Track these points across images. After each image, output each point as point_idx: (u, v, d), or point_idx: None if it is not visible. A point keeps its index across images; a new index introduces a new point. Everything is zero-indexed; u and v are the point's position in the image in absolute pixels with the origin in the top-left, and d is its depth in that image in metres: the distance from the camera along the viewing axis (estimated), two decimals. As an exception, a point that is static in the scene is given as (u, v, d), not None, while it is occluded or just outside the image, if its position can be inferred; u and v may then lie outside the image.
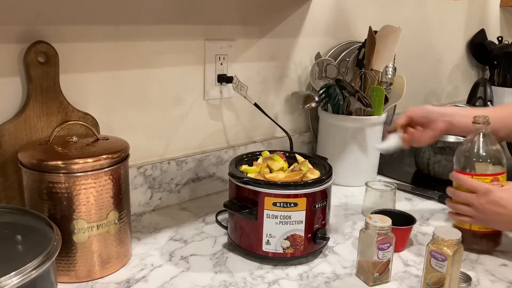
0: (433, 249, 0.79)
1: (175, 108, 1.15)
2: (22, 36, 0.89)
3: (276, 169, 0.98)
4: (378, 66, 1.30)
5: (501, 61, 2.04)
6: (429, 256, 0.80)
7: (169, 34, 1.09)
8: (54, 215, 0.79)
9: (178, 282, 0.85)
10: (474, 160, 0.95)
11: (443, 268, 0.78)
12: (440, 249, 0.79)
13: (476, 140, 0.96)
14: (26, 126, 0.90)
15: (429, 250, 0.80)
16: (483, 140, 0.96)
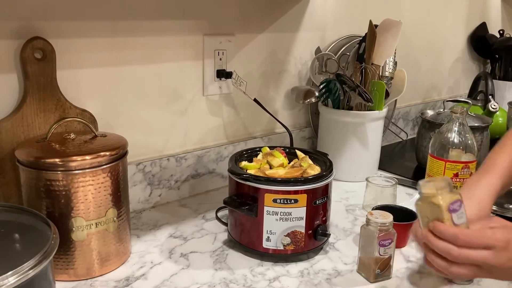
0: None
1: (174, 104, 1.14)
2: (19, 32, 0.88)
3: (276, 165, 0.97)
4: (379, 61, 1.29)
5: (502, 54, 2.03)
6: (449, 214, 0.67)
7: (167, 29, 1.08)
8: (52, 213, 0.78)
9: (178, 280, 0.85)
10: (449, 147, 1.03)
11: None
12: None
13: (452, 129, 1.05)
14: (23, 123, 0.89)
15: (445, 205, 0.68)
16: (458, 129, 1.05)
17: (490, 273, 0.67)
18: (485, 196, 0.77)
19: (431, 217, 0.68)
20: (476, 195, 0.77)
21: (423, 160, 1.38)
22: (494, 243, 0.65)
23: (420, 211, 0.69)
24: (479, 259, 0.65)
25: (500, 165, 0.81)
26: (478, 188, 0.78)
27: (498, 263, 0.65)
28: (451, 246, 0.66)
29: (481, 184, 0.79)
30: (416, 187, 0.70)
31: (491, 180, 0.79)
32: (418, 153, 1.46)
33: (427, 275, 0.88)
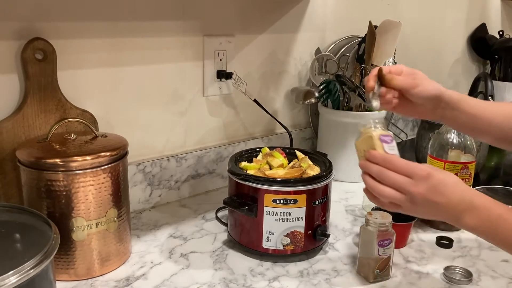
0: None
1: (174, 105, 1.14)
2: (19, 32, 0.88)
3: (276, 165, 0.97)
4: (379, 61, 1.29)
5: (502, 55, 2.03)
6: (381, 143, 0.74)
7: (167, 30, 1.09)
8: (53, 213, 0.79)
9: (178, 280, 0.85)
10: (448, 148, 1.03)
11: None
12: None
13: (451, 129, 1.04)
14: (24, 124, 0.89)
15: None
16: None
17: (411, 204, 0.70)
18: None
19: (366, 149, 0.74)
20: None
21: (423, 160, 1.38)
22: (416, 171, 0.69)
23: (358, 148, 0.76)
24: (400, 182, 0.70)
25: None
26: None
27: (416, 192, 0.69)
28: (379, 167, 0.71)
29: None
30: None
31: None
32: (417, 154, 1.46)
33: (426, 275, 0.88)
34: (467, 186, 0.72)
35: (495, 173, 1.51)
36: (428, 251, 0.97)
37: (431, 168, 0.71)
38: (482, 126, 0.84)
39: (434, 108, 0.82)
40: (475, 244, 1.00)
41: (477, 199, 0.69)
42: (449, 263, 0.92)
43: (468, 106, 0.83)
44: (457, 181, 0.71)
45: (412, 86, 0.80)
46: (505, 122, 0.83)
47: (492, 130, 0.84)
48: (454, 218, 0.70)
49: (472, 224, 0.69)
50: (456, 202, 0.69)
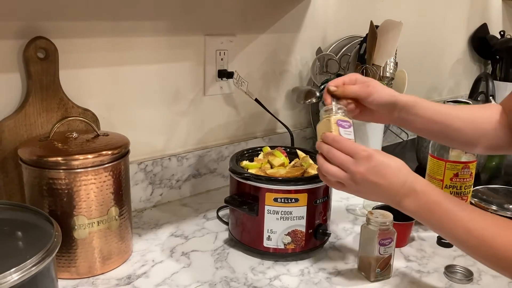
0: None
1: (175, 104, 1.15)
2: (22, 31, 0.88)
3: (277, 164, 0.97)
4: (380, 61, 1.29)
5: (503, 55, 2.03)
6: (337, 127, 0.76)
7: (169, 30, 1.09)
8: (55, 211, 0.79)
9: (179, 278, 0.85)
10: (449, 148, 1.02)
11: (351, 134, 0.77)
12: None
13: None
14: (26, 122, 0.89)
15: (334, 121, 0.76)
16: None
17: (354, 182, 0.71)
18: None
19: (324, 131, 0.76)
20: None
21: (424, 160, 1.38)
22: (357, 151, 0.71)
23: (318, 131, 0.78)
24: (343, 160, 0.72)
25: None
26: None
27: (356, 170, 0.71)
28: (328, 146, 0.74)
29: None
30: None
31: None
32: (418, 154, 1.46)
33: (427, 274, 0.88)
34: (411, 171, 0.72)
35: (496, 173, 1.51)
36: (429, 250, 0.97)
37: (375, 151, 0.72)
38: (439, 129, 0.85)
39: (390, 113, 0.84)
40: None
41: (418, 184, 0.70)
42: (450, 262, 0.92)
43: (423, 109, 0.84)
44: (401, 165, 0.72)
45: (366, 94, 0.82)
46: (462, 126, 0.85)
47: (451, 133, 0.86)
48: (395, 201, 0.71)
49: (412, 208, 0.70)
50: (397, 185, 0.70)
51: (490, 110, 0.87)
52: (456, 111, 0.87)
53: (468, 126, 0.86)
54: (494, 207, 1.12)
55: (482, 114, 0.87)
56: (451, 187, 1.03)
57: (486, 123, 0.86)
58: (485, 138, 0.86)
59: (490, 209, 1.12)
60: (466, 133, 0.86)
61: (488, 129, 0.85)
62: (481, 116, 0.87)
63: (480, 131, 0.86)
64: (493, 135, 0.85)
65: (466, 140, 0.87)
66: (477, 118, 0.87)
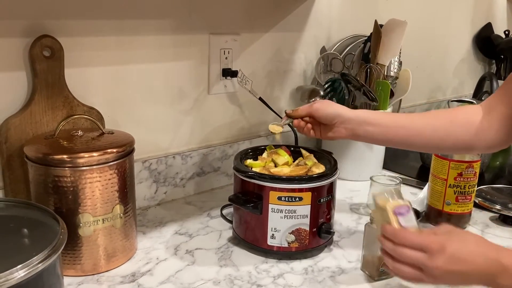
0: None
1: (179, 103, 1.15)
2: (27, 30, 0.89)
3: (281, 163, 0.98)
4: (384, 60, 1.29)
5: (507, 55, 2.03)
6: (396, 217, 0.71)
7: (173, 28, 1.09)
8: (60, 208, 0.79)
9: (183, 276, 0.85)
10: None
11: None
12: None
13: None
14: (31, 120, 0.90)
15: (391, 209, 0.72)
16: None
17: (433, 277, 0.66)
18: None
19: (381, 221, 0.72)
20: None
21: (427, 159, 1.38)
22: (428, 245, 0.66)
23: (375, 219, 0.75)
24: (414, 259, 0.66)
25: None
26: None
27: (434, 266, 0.65)
28: (392, 245, 0.68)
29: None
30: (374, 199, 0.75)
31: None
32: (422, 153, 1.46)
33: (431, 274, 0.88)
34: (486, 244, 0.68)
35: (500, 172, 1.51)
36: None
37: (445, 237, 0.67)
38: (394, 136, 0.89)
39: (341, 125, 0.89)
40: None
41: (504, 259, 0.65)
42: (453, 261, 0.92)
43: (376, 119, 0.89)
44: (478, 240, 0.68)
45: (311, 111, 0.91)
46: (423, 130, 0.88)
47: (413, 138, 0.89)
48: (486, 282, 0.67)
49: (509, 285, 0.65)
50: (482, 266, 0.65)
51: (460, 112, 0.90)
52: (413, 116, 0.91)
53: (430, 128, 0.88)
54: (498, 206, 1.12)
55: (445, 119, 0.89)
56: (455, 186, 1.04)
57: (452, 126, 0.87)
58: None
59: (494, 208, 1.12)
60: (429, 135, 0.88)
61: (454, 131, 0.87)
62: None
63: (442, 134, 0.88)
64: (459, 135, 0.87)
65: (430, 143, 0.89)
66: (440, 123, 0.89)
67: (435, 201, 1.07)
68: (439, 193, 1.06)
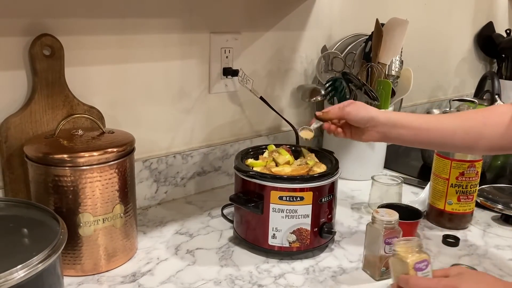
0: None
1: (180, 102, 1.15)
2: (27, 29, 0.88)
3: (282, 163, 0.97)
4: (385, 59, 1.29)
5: (509, 54, 2.02)
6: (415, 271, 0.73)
7: (174, 27, 1.09)
8: (60, 208, 0.79)
9: (184, 276, 0.85)
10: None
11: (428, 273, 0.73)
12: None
13: None
14: (31, 120, 0.89)
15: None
16: None
17: None
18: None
19: (400, 272, 0.73)
20: None
21: (429, 159, 1.38)
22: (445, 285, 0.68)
23: (392, 266, 0.75)
24: None
25: None
26: None
27: None
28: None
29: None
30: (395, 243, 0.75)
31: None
32: (423, 152, 1.46)
33: (433, 274, 0.88)
34: (498, 285, 0.69)
35: (502, 172, 1.50)
36: (435, 249, 0.97)
37: (456, 279, 0.69)
38: (425, 138, 0.88)
39: (374, 128, 0.89)
40: (482, 242, 1.00)
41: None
42: (455, 261, 0.92)
43: (407, 122, 0.88)
44: (487, 284, 0.69)
45: (343, 114, 0.90)
46: (456, 131, 0.87)
47: (445, 140, 0.88)
48: None
49: None
50: None
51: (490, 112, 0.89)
52: (441, 120, 0.89)
53: (462, 130, 0.86)
54: (500, 206, 1.12)
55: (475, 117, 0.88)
56: (457, 186, 1.03)
57: (482, 125, 0.86)
58: (484, 141, 0.86)
59: (496, 208, 1.12)
60: (461, 137, 0.86)
61: (486, 132, 0.85)
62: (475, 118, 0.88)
63: (476, 134, 0.86)
64: (492, 137, 0.85)
65: (462, 144, 0.88)
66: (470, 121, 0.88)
67: (436, 201, 1.06)
68: (440, 192, 1.05)
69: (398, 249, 0.73)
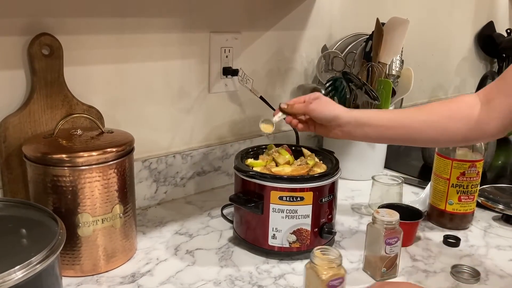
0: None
1: (180, 101, 1.14)
2: (26, 28, 0.88)
3: (282, 162, 0.97)
4: (386, 59, 1.28)
5: (509, 53, 2.02)
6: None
7: (174, 27, 1.08)
8: (59, 208, 0.79)
9: (184, 276, 0.85)
10: (456, 146, 1.02)
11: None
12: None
13: None
14: (30, 119, 0.89)
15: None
16: None
17: None
18: None
19: (313, 285, 0.72)
20: None
21: (429, 159, 1.38)
22: None
23: (306, 275, 0.74)
24: None
25: None
26: None
27: None
28: None
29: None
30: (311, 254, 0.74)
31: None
32: (424, 152, 1.45)
33: (433, 274, 0.87)
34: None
35: (503, 172, 1.50)
36: (435, 249, 0.96)
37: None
38: (391, 136, 0.89)
39: (338, 127, 0.89)
40: (483, 243, 1.00)
41: None
42: (456, 262, 0.92)
43: (372, 120, 0.88)
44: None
45: (308, 111, 0.90)
46: (423, 126, 0.87)
47: (413, 135, 0.87)
48: None
49: None
50: None
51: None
52: (409, 112, 0.89)
53: (428, 126, 0.86)
54: (501, 206, 1.11)
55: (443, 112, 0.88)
56: (458, 186, 1.03)
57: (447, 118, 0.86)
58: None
59: (496, 208, 1.12)
60: (426, 133, 0.87)
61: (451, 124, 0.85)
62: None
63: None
64: (458, 129, 0.85)
65: (427, 139, 0.89)
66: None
67: (437, 201, 1.06)
68: (441, 192, 1.05)
69: (316, 262, 0.72)
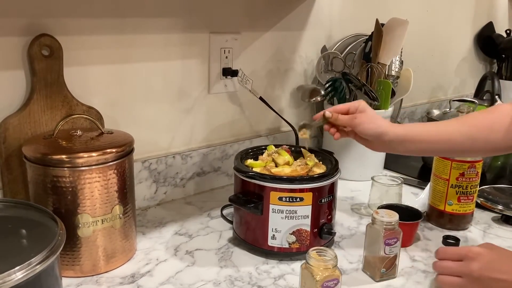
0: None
1: (179, 102, 1.14)
2: (26, 29, 0.88)
3: (281, 163, 0.97)
4: (385, 59, 1.28)
5: (509, 54, 2.02)
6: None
7: (173, 27, 1.08)
8: (59, 209, 0.79)
9: (183, 277, 0.85)
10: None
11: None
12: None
13: None
14: (30, 120, 0.89)
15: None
16: None
17: (472, 283, 0.74)
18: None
19: (308, 285, 0.73)
20: None
21: (429, 159, 1.38)
22: (465, 253, 0.76)
23: (302, 275, 0.75)
24: (453, 268, 0.77)
25: None
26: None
27: (469, 271, 0.74)
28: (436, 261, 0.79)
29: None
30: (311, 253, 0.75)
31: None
32: (423, 153, 1.46)
33: (432, 274, 0.87)
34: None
35: (502, 173, 1.50)
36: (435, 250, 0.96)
37: (484, 248, 0.76)
38: (433, 151, 0.93)
39: (381, 144, 0.88)
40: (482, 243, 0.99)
41: None
42: (455, 262, 0.91)
43: (416, 136, 0.87)
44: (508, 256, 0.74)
45: (352, 125, 0.88)
46: (463, 139, 0.87)
47: (455, 148, 0.88)
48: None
49: None
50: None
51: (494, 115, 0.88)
52: (451, 126, 0.88)
53: (470, 139, 0.86)
54: (500, 207, 1.12)
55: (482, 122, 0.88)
56: (457, 186, 1.03)
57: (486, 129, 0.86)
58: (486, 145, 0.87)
59: (496, 209, 1.12)
60: (469, 145, 0.87)
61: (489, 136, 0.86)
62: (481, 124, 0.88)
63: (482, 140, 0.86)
64: (496, 140, 0.86)
65: (469, 151, 0.90)
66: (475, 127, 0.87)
67: (436, 201, 1.06)
68: (441, 193, 1.05)
69: (312, 263, 0.73)
